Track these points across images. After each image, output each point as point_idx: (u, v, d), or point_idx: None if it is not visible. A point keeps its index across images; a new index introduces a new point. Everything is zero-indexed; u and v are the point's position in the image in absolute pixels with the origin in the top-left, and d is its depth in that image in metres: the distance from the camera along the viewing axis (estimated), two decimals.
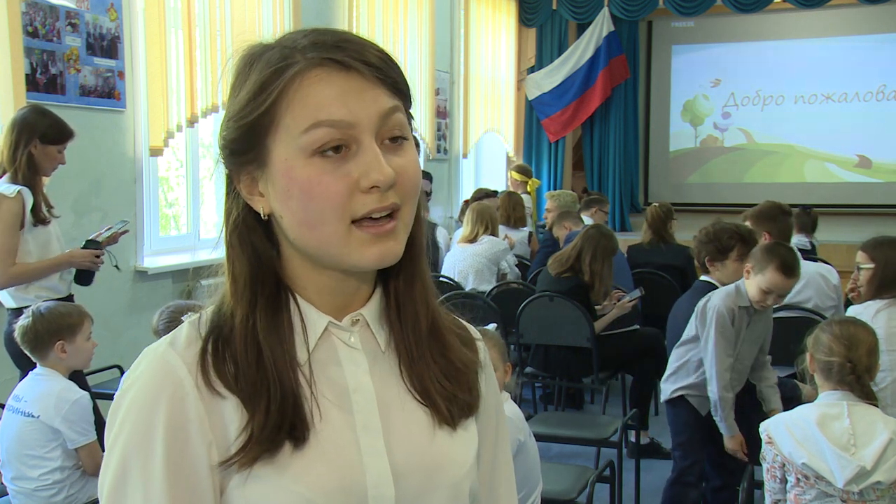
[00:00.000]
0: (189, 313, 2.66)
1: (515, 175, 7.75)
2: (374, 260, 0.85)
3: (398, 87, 0.86)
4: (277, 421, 0.83)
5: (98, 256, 3.35)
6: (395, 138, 0.85)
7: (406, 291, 0.93)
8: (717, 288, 3.31)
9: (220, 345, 0.86)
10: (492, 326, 2.73)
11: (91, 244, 3.37)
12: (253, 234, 0.88)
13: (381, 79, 0.84)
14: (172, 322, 2.78)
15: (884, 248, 3.10)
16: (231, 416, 0.84)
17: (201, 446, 0.83)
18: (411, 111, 0.90)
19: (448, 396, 0.92)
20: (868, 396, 2.31)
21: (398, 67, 0.87)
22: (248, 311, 0.87)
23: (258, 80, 0.83)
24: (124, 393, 0.86)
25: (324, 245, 0.84)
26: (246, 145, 0.85)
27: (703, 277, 3.52)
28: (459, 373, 0.94)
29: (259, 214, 0.87)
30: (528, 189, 7.64)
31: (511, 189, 7.49)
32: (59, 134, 3.18)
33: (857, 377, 2.29)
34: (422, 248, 0.94)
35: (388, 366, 0.92)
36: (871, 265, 3.09)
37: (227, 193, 0.90)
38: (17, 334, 2.70)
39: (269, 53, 0.85)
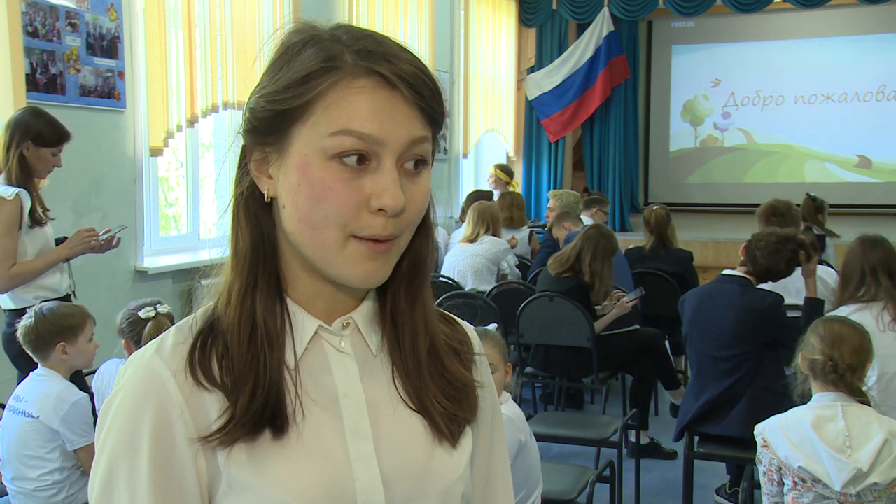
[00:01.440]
0: (146, 308, 2.64)
1: (501, 174, 7.71)
2: (360, 277, 0.84)
3: (434, 117, 0.86)
4: (261, 404, 0.82)
5: (91, 235, 3.30)
6: (416, 164, 0.85)
7: (406, 311, 0.92)
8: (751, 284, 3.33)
9: (209, 341, 0.86)
10: (492, 326, 2.72)
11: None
12: (259, 209, 0.87)
13: (422, 107, 0.84)
14: (133, 319, 2.77)
15: (847, 251, 3.14)
16: (216, 413, 0.83)
17: (187, 453, 0.82)
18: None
19: (449, 416, 0.91)
20: (854, 392, 2.30)
21: (440, 97, 0.86)
22: (246, 288, 0.86)
23: (303, 70, 0.82)
24: (112, 399, 0.85)
25: (319, 249, 0.84)
26: (271, 128, 0.84)
27: (740, 273, 3.40)
28: (460, 392, 0.93)
29: (262, 196, 0.87)
30: (511, 190, 7.61)
31: (491, 186, 7.46)
32: (53, 136, 3.15)
33: (839, 376, 2.29)
34: (427, 268, 0.93)
35: (380, 371, 0.91)
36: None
37: (239, 165, 0.89)
38: (19, 334, 2.70)
39: (321, 44, 0.84)
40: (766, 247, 3.37)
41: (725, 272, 3.47)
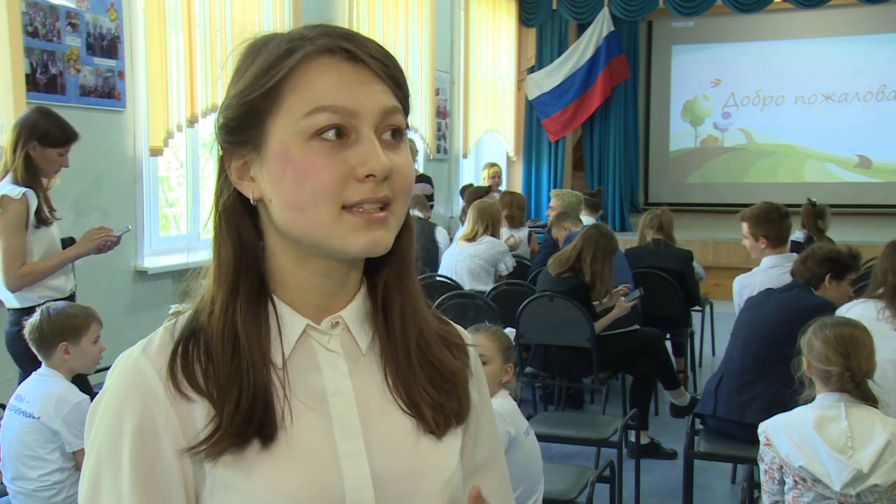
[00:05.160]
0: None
1: (499, 170, 7.73)
2: (362, 246, 0.83)
3: (401, 88, 0.86)
4: (248, 413, 0.82)
5: (101, 233, 3.31)
6: (394, 135, 0.85)
7: (394, 298, 0.92)
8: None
9: (191, 347, 0.85)
10: (509, 330, 2.73)
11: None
12: (240, 219, 0.87)
13: (387, 76, 0.85)
14: None
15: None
16: (202, 420, 0.83)
17: (172, 454, 0.82)
18: (409, 118, 0.90)
19: (435, 406, 0.90)
20: (867, 398, 2.28)
21: (402, 71, 0.88)
22: (228, 298, 0.86)
23: (265, 62, 0.83)
24: (99, 399, 0.86)
25: (312, 229, 0.83)
26: (245, 123, 0.84)
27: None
28: (447, 382, 0.93)
29: (247, 202, 0.87)
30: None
31: (489, 184, 7.46)
32: (60, 136, 3.15)
33: (856, 384, 2.27)
34: (411, 254, 0.93)
35: (370, 369, 0.91)
36: None
37: (219, 176, 0.89)
38: (25, 331, 2.71)
39: (277, 40, 0.85)
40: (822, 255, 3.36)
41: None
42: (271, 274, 0.88)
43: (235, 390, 0.83)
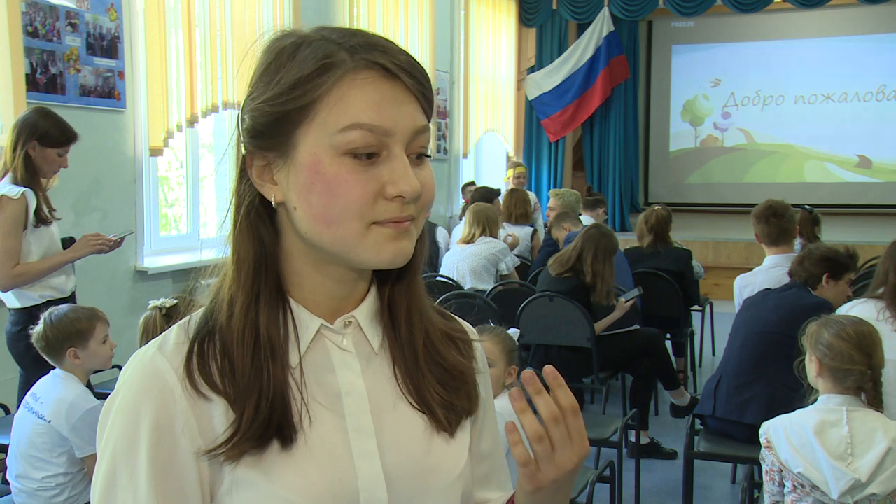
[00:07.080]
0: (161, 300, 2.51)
1: (524, 170, 7.65)
2: (387, 258, 0.85)
3: (430, 104, 0.88)
4: (267, 417, 0.83)
5: (98, 240, 3.31)
6: (420, 155, 0.86)
7: (400, 300, 0.93)
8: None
9: (206, 346, 0.85)
10: (512, 331, 2.72)
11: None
12: (261, 221, 0.87)
13: (419, 94, 0.85)
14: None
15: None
16: (219, 418, 0.83)
17: (189, 451, 0.82)
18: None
19: (446, 405, 0.92)
20: (878, 401, 2.24)
21: (431, 86, 0.88)
22: (250, 300, 0.86)
23: (302, 71, 0.82)
24: (113, 397, 0.86)
25: (338, 242, 0.84)
26: (274, 132, 0.84)
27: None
28: (456, 381, 0.94)
29: (266, 203, 0.87)
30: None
31: (514, 185, 7.42)
32: (59, 137, 3.15)
33: (874, 383, 2.24)
34: (420, 260, 0.94)
35: (382, 368, 0.92)
36: None
37: (240, 176, 0.89)
38: (33, 340, 2.69)
39: (315, 45, 0.83)
40: (819, 255, 3.34)
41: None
42: (286, 276, 0.89)
43: (255, 394, 0.83)
